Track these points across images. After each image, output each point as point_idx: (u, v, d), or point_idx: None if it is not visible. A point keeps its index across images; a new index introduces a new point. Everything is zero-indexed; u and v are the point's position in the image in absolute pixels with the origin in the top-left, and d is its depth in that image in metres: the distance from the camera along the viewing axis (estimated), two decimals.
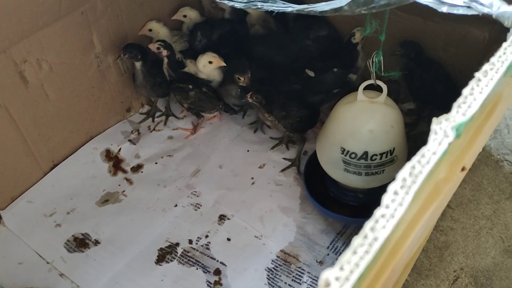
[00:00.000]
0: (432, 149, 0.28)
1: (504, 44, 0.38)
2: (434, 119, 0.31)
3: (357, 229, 0.91)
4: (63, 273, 0.87)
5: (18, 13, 0.80)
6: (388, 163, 0.78)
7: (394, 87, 1.01)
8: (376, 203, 0.87)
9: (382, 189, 0.81)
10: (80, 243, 0.92)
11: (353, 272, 0.25)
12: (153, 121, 1.14)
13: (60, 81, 0.95)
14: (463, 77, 1.03)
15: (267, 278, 0.86)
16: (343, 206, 0.91)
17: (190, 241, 0.92)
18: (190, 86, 1.02)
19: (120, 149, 1.08)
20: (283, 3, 0.54)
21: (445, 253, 0.91)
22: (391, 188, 0.28)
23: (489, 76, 0.31)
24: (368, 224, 0.28)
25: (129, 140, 1.10)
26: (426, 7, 0.66)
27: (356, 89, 0.77)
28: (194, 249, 0.91)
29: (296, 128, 0.96)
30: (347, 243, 0.90)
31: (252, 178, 1.02)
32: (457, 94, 1.04)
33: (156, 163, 1.06)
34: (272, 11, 0.54)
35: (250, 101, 0.91)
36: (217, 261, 0.89)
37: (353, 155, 0.76)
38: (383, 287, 0.32)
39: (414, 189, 0.27)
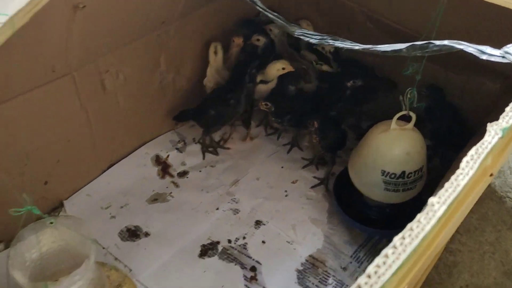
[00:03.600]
0: (487, 141, 0.42)
1: None
2: (488, 124, 0.45)
3: (377, 243, 1.04)
4: (117, 258, 0.99)
5: (110, 32, 0.95)
6: (419, 179, 0.92)
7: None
8: (402, 214, 1.01)
9: (405, 203, 0.94)
10: (132, 234, 1.04)
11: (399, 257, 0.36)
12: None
13: (130, 91, 1.09)
14: (476, 121, 1.17)
15: (296, 278, 0.98)
16: (367, 220, 1.04)
17: (229, 241, 1.04)
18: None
19: (168, 155, 1.22)
20: (351, 42, 0.69)
21: (453, 270, 1.04)
22: (462, 164, 0.41)
23: None
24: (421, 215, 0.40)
25: (176, 149, 1.24)
26: (449, 59, 0.81)
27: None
28: (233, 247, 1.03)
29: (332, 148, 1.10)
30: (368, 254, 1.02)
31: (286, 191, 1.15)
32: (469, 136, 1.18)
33: (200, 171, 1.19)
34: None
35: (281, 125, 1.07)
36: (253, 259, 1.01)
37: (392, 175, 0.91)
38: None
39: (478, 163, 0.40)
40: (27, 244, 0.70)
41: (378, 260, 0.35)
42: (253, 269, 0.99)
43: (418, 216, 0.37)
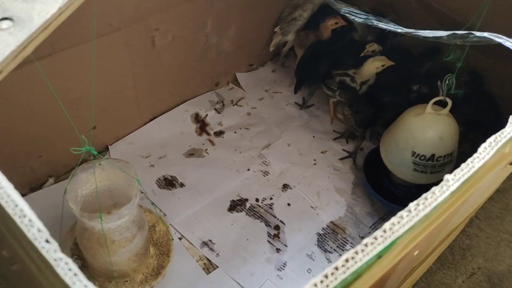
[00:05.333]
0: (507, 131, 0.46)
1: None
2: (511, 116, 0.48)
3: None
4: (154, 203, 1.07)
5: None
6: (448, 163, 0.96)
7: None
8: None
9: (431, 185, 0.98)
10: (169, 183, 1.12)
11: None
12: None
13: (176, 50, 1.15)
14: (510, 112, 1.18)
15: (317, 240, 1.04)
16: (392, 197, 1.08)
17: (257, 200, 1.11)
18: None
19: (206, 115, 1.28)
20: (394, 25, 0.72)
21: (467, 253, 1.08)
22: (480, 149, 0.45)
23: None
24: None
25: (215, 109, 1.30)
26: (492, 49, 0.82)
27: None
28: (260, 206, 1.10)
29: (363, 124, 1.14)
30: None
31: (314, 159, 1.20)
32: (502, 126, 1.19)
33: (235, 132, 1.25)
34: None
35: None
36: (278, 219, 1.07)
37: (422, 157, 0.95)
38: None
39: (495, 149, 0.44)
40: (79, 181, 0.79)
41: (393, 219, 0.40)
42: (277, 227, 1.06)
43: (433, 188, 0.42)
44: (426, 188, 1.05)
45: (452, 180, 0.43)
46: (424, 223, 0.41)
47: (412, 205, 0.42)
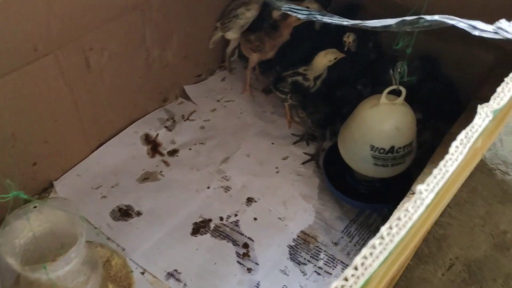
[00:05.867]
0: (477, 124, 0.41)
1: None
2: (479, 106, 0.44)
3: (367, 218, 1.05)
4: (110, 237, 0.99)
5: (91, 7, 0.92)
6: (408, 154, 0.92)
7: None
8: (392, 188, 1.00)
9: (395, 177, 0.95)
10: (124, 213, 1.04)
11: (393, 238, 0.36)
12: None
13: (116, 68, 1.07)
14: (469, 93, 1.17)
15: (288, 253, 0.98)
16: (358, 195, 1.04)
17: (221, 218, 1.04)
18: None
19: (157, 134, 1.20)
20: (339, 18, 0.67)
21: (443, 244, 1.05)
22: (451, 149, 0.40)
23: None
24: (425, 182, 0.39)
25: (165, 127, 1.22)
26: (443, 31, 0.79)
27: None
28: (225, 225, 1.03)
29: (321, 124, 1.09)
30: (359, 228, 1.03)
31: (276, 167, 1.15)
32: (461, 109, 1.17)
33: (190, 149, 1.18)
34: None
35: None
36: (245, 236, 1.01)
37: (381, 151, 0.90)
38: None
39: (468, 147, 0.40)
40: (14, 230, 0.70)
41: (365, 251, 0.34)
42: (246, 245, 0.99)
43: (406, 205, 0.36)
44: (388, 181, 1.03)
45: (426, 191, 0.38)
46: (400, 247, 0.36)
47: (384, 230, 0.36)
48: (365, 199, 1.04)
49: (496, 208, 1.12)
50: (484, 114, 0.41)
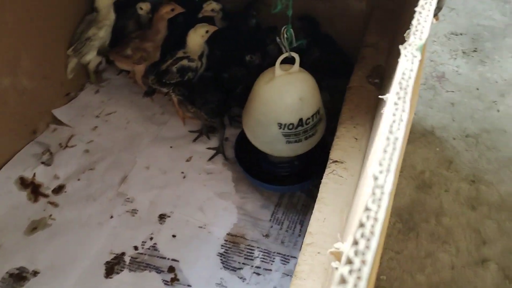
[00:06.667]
0: (408, 68, 0.33)
1: None
2: (401, 46, 0.36)
3: (291, 197, 0.98)
4: None
5: None
6: (318, 122, 0.85)
7: None
8: (312, 162, 0.92)
9: (311, 152, 0.88)
10: (17, 278, 0.86)
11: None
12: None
13: None
14: (350, 45, 1.14)
15: (220, 262, 0.88)
16: (278, 179, 0.97)
17: (136, 247, 0.91)
18: None
19: (34, 173, 1.02)
20: None
21: None
22: (391, 109, 0.31)
23: (427, 8, 0.36)
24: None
25: (42, 162, 1.04)
26: None
27: None
28: (142, 253, 0.90)
29: (215, 113, 1.00)
30: (286, 212, 0.96)
31: (182, 172, 1.03)
32: (348, 62, 1.14)
33: (78, 179, 1.02)
34: None
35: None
36: (168, 259, 0.89)
37: (290, 126, 0.82)
38: None
39: (408, 102, 0.32)
40: None
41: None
42: (171, 269, 0.88)
43: (366, 203, 0.27)
44: (307, 155, 0.97)
45: (382, 173, 0.29)
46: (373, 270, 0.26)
47: (351, 253, 0.26)
48: (287, 180, 0.96)
49: (407, 149, 1.12)
50: (410, 55, 0.34)
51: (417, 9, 0.37)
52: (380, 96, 0.36)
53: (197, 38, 1.03)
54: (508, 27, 1.48)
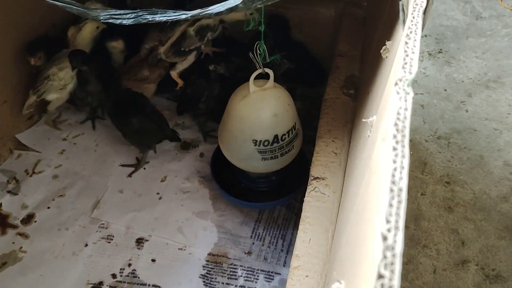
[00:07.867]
0: (403, 107, 0.31)
1: (411, 10, 0.41)
2: (390, 81, 0.35)
3: (271, 212, 0.96)
4: None
5: None
6: (294, 138, 0.84)
7: None
8: (290, 177, 0.91)
9: (289, 165, 0.87)
10: None
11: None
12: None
13: None
14: (320, 52, 1.14)
15: (203, 284, 0.86)
16: (257, 195, 0.95)
17: (114, 276, 0.87)
18: None
19: (1, 204, 0.97)
20: (174, 12, 0.54)
21: None
22: (390, 155, 0.29)
23: (412, 38, 0.35)
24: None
25: (8, 191, 0.99)
26: None
27: None
28: (121, 281, 0.86)
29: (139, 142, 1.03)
30: (267, 227, 0.94)
31: (158, 193, 1.00)
32: (321, 70, 1.13)
33: (48, 207, 0.97)
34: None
35: None
36: (149, 285, 0.86)
37: (266, 143, 0.80)
38: None
39: (407, 147, 0.30)
40: None
41: None
42: None
43: (378, 268, 0.25)
44: (284, 171, 0.95)
45: (390, 232, 0.26)
46: None
47: None
48: (266, 196, 0.95)
49: None
50: (403, 92, 0.32)
51: (402, 39, 0.36)
52: (379, 139, 0.35)
53: (86, 34, 1.04)
54: (470, 27, 1.51)
